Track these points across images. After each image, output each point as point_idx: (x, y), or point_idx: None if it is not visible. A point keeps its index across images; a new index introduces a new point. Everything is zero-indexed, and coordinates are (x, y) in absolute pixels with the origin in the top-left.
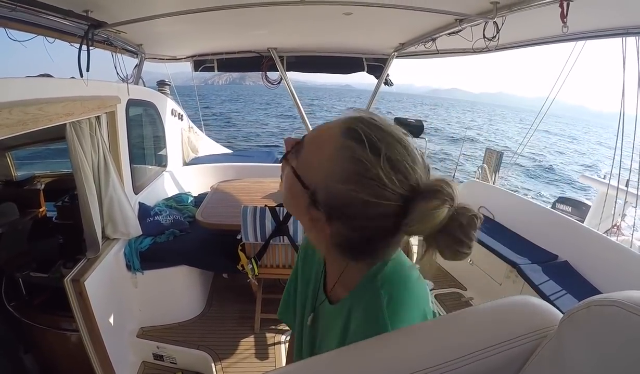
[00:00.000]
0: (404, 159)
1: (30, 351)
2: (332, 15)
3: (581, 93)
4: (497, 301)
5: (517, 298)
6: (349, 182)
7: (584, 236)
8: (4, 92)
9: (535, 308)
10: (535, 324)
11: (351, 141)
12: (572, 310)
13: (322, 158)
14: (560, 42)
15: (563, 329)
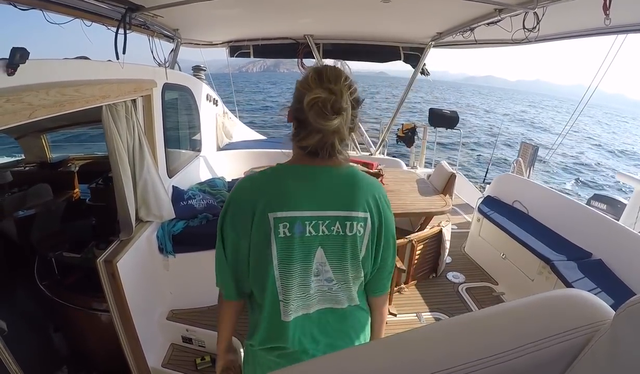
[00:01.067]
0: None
1: (60, 329)
2: (370, 3)
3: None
4: (547, 293)
5: (568, 290)
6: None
7: (619, 234)
8: (42, 73)
9: (586, 301)
10: (587, 318)
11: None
12: (627, 304)
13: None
14: (601, 34)
15: (618, 323)
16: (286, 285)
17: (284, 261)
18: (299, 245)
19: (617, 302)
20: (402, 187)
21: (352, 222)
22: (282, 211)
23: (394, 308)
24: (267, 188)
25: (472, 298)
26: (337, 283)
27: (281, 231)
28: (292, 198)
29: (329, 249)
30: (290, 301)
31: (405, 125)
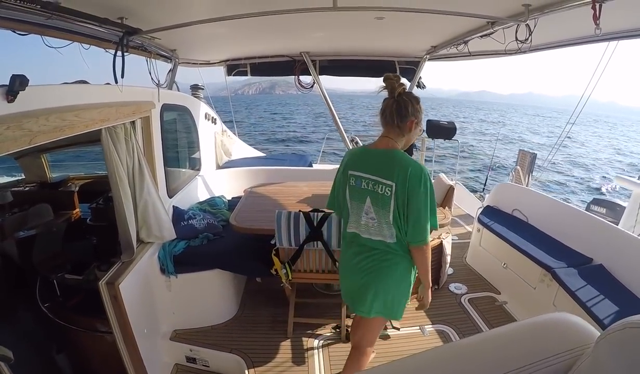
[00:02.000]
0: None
1: (63, 351)
2: (365, 20)
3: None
4: (535, 318)
5: (553, 315)
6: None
7: (619, 239)
8: (42, 99)
9: (572, 325)
10: (572, 342)
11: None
12: (607, 331)
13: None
14: (593, 42)
15: (599, 349)
16: (351, 213)
17: (351, 199)
18: (357, 192)
19: (620, 308)
20: None
21: (380, 185)
22: (352, 171)
23: (396, 322)
24: (352, 155)
25: (475, 309)
26: (376, 222)
27: (351, 181)
28: (359, 163)
29: (372, 199)
30: (350, 222)
31: None
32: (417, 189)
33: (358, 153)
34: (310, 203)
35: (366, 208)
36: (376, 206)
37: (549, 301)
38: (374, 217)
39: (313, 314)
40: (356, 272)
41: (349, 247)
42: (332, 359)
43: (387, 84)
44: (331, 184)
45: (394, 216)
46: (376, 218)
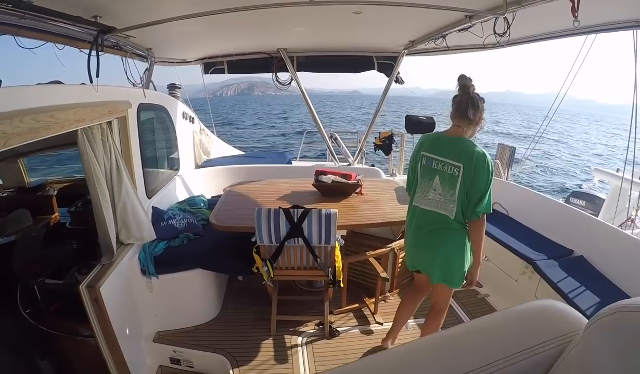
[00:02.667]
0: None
1: (47, 357)
2: (342, 14)
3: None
4: (521, 306)
5: (540, 302)
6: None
7: (598, 230)
8: (15, 100)
9: (558, 312)
10: (560, 329)
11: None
12: (597, 316)
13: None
14: (571, 35)
15: (589, 335)
16: (419, 189)
17: (421, 177)
18: (428, 171)
19: (601, 298)
20: (382, 196)
21: (449, 166)
22: (425, 152)
23: (379, 317)
24: (427, 139)
25: (457, 302)
26: (442, 197)
27: (423, 161)
28: (433, 146)
29: (441, 178)
30: (417, 197)
31: (382, 134)
32: (481, 171)
33: (432, 138)
34: (290, 200)
35: (434, 185)
36: (443, 184)
37: (530, 293)
38: (441, 193)
39: (296, 312)
40: (420, 243)
41: (414, 220)
42: (316, 356)
43: (462, 82)
44: (310, 181)
45: (459, 193)
46: (442, 194)
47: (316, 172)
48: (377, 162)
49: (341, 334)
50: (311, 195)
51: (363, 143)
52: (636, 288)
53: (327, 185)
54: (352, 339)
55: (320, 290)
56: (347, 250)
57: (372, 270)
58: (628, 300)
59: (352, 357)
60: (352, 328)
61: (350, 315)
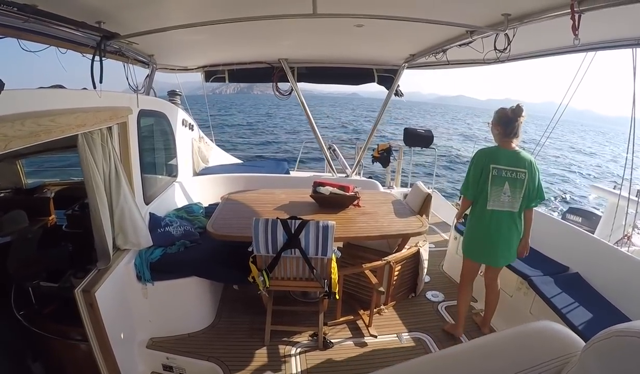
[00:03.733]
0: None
1: (39, 359)
2: (344, 27)
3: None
4: (519, 327)
5: (538, 323)
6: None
7: (594, 247)
8: (17, 104)
9: (556, 333)
10: (557, 350)
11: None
12: (594, 340)
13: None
14: (571, 53)
15: (586, 358)
16: (491, 195)
17: (492, 184)
18: (499, 178)
19: (595, 316)
20: (379, 209)
21: (518, 172)
22: (494, 165)
23: (374, 330)
24: (490, 154)
25: (452, 317)
26: (510, 198)
27: (494, 172)
28: (498, 159)
29: (510, 183)
30: (490, 201)
31: (380, 146)
32: (537, 172)
33: (495, 152)
34: (287, 210)
35: (505, 190)
36: (513, 187)
37: (525, 309)
38: (510, 195)
39: (290, 322)
40: (489, 236)
41: (488, 220)
42: (309, 367)
43: (518, 109)
44: (308, 191)
45: (525, 193)
46: (511, 195)
47: (314, 183)
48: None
49: (335, 346)
50: (309, 206)
51: (361, 156)
52: (631, 307)
53: (325, 197)
54: (346, 351)
55: (315, 301)
56: (343, 261)
57: (368, 283)
58: (625, 325)
59: (345, 368)
60: (346, 340)
61: (345, 327)
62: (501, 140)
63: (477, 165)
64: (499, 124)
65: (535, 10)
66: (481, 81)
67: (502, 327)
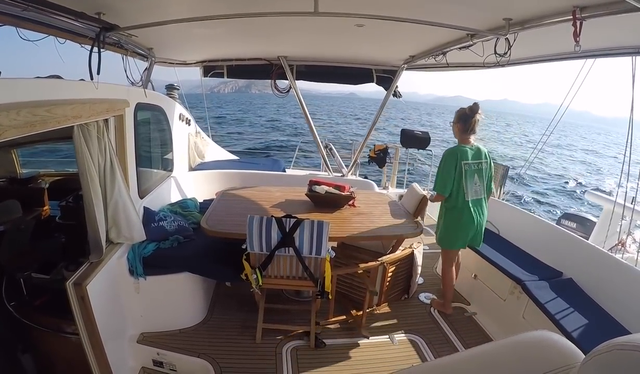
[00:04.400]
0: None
1: (29, 351)
2: (344, 26)
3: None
4: (517, 336)
5: (535, 334)
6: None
7: (589, 253)
8: (13, 93)
9: (554, 344)
10: (555, 362)
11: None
12: (594, 353)
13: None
14: (571, 59)
15: (585, 371)
16: (467, 188)
17: (466, 178)
18: (470, 172)
19: (589, 321)
20: (374, 210)
21: (481, 163)
22: (464, 161)
23: (366, 330)
24: (460, 153)
25: (444, 319)
26: (480, 187)
27: (465, 168)
28: (466, 156)
29: (477, 174)
30: (468, 192)
31: (377, 146)
32: (492, 165)
33: (462, 150)
34: (282, 208)
35: (475, 181)
36: (480, 178)
37: (518, 314)
38: (479, 184)
39: (283, 321)
40: (473, 221)
41: (470, 209)
42: (300, 366)
43: (474, 108)
44: (304, 190)
45: (486, 180)
46: (480, 184)
47: (310, 182)
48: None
49: (327, 346)
50: (304, 205)
51: (358, 155)
52: (625, 314)
53: (320, 196)
54: (337, 351)
55: (308, 300)
56: (337, 261)
57: (361, 283)
58: (626, 338)
59: (337, 369)
60: (338, 340)
61: (337, 327)
62: (461, 137)
63: (451, 164)
64: (459, 122)
65: (537, 15)
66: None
67: (495, 331)
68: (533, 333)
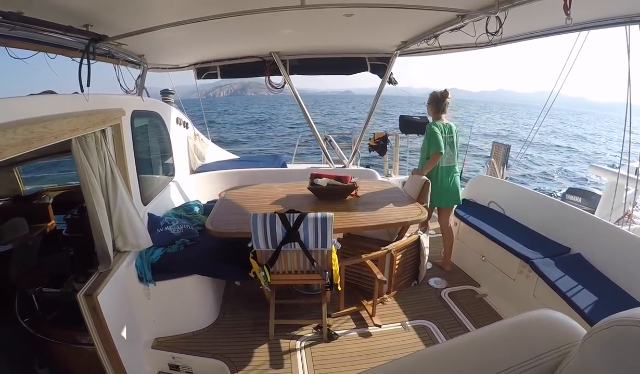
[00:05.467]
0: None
1: (46, 365)
2: (333, 17)
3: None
4: (518, 316)
5: (537, 312)
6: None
7: (595, 227)
8: (8, 112)
9: (555, 322)
10: (557, 340)
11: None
12: (594, 329)
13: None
14: (563, 32)
15: (586, 348)
16: (443, 155)
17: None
18: (444, 141)
19: (599, 297)
20: (377, 198)
21: (452, 137)
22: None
23: (378, 319)
24: (439, 127)
25: (455, 302)
26: (452, 155)
27: (443, 138)
28: (440, 130)
29: (449, 145)
30: (443, 159)
31: (376, 135)
32: (458, 136)
33: (439, 126)
34: (285, 204)
35: (448, 150)
36: (451, 148)
37: (528, 292)
38: (451, 153)
39: (294, 316)
40: (449, 183)
41: (440, 174)
42: (315, 360)
43: (444, 92)
44: (306, 184)
45: (456, 151)
46: (451, 154)
47: (311, 175)
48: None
49: (339, 337)
50: (307, 199)
51: (358, 145)
52: (635, 286)
53: (323, 189)
54: (350, 342)
55: (318, 293)
56: (344, 252)
57: (370, 273)
58: (625, 313)
59: (351, 359)
60: (350, 331)
61: (348, 318)
62: (435, 115)
63: (436, 132)
64: (431, 104)
65: None
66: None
67: (507, 311)
68: (534, 312)
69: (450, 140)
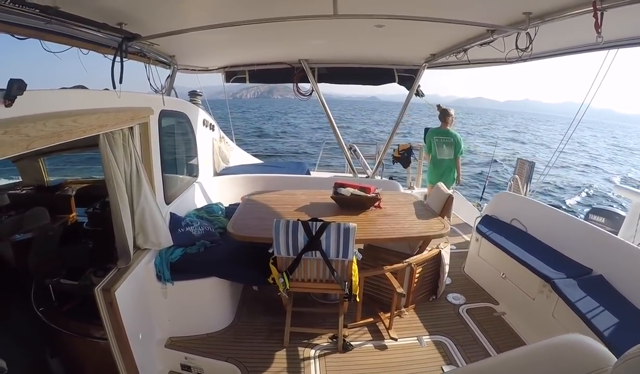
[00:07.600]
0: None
1: (58, 355)
2: (364, 27)
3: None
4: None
5: (567, 337)
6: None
7: (618, 249)
8: (40, 104)
9: (587, 348)
10: (587, 366)
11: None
12: (626, 356)
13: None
14: (594, 50)
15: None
16: (437, 150)
17: (436, 145)
18: (439, 142)
19: (620, 320)
20: (400, 211)
21: (449, 139)
22: (435, 136)
23: (394, 333)
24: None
25: (472, 320)
26: (447, 152)
27: (435, 140)
28: (436, 133)
29: (445, 145)
30: (437, 153)
31: (401, 146)
32: (459, 140)
33: (434, 130)
34: (308, 211)
35: (443, 148)
36: (447, 147)
37: (548, 313)
38: (446, 151)
39: (310, 324)
40: (440, 169)
41: (435, 162)
42: (328, 370)
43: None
44: (328, 192)
45: (454, 151)
46: (447, 151)
47: (335, 184)
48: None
49: (355, 349)
50: (329, 207)
51: (382, 156)
52: None
53: (346, 198)
54: (365, 354)
55: (335, 302)
56: (364, 263)
57: (388, 285)
58: None
59: (365, 372)
60: (365, 343)
61: (365, 329)
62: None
63: (428, 138)
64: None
65: (557, 8)
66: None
67: (525, 331)
68: (565, 336)
69: (447, 141)
